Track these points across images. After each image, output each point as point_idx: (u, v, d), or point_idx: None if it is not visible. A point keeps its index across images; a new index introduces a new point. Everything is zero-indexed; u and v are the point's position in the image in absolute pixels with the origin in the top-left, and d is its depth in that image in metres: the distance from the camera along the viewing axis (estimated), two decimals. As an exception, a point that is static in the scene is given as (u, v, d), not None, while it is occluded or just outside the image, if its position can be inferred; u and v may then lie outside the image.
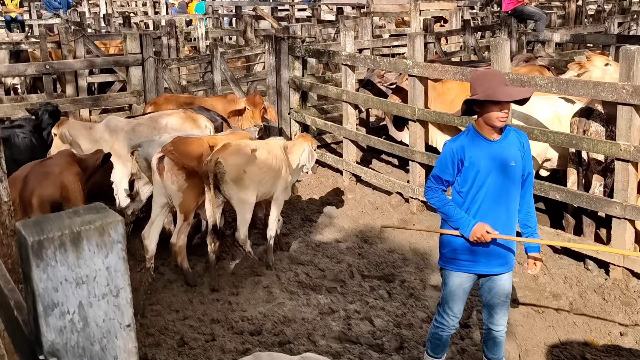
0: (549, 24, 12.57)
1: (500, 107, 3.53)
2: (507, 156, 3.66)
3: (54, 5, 20.39)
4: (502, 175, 3.66)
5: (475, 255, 3.75)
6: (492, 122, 3.58)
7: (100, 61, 9.19)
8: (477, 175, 3.67)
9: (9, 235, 2.52)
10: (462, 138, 3.76)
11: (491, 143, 3.66)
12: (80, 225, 1.26)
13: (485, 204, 3.69)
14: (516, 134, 3.75)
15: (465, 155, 3.68)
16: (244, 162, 5.42)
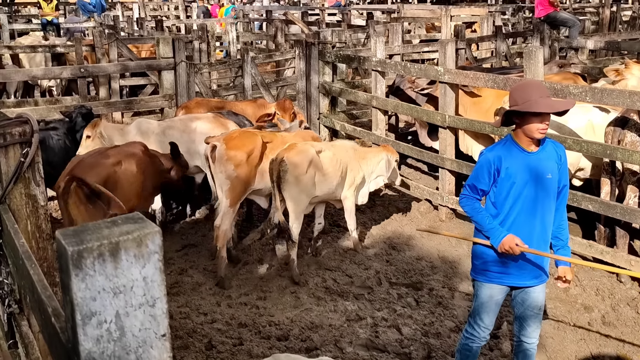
0: (583, 31, 12.39)
1: (541, 119, 3.48)
2: (544, 168, 3.61)
3: (89, 8, 20.73)
4: (538, 187, 3.62)
5: (507, 267, 3.71)
6: (532, 134, 3.54)
7: (133, 65, 9.32)
8: (512, 187, 3.64)
9: (45, 239, 2.56)
10: (499, 148, 3.73)
11: (529, 155, 3.62)
12: (119, 235, 1.27)
13: (520, 217, 3.65)
14: (554, 146, 3.71)
15: (502, 165, 3.64)
16: (307, 163, 5.60)
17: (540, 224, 3.67)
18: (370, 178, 6.34)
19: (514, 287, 3.80)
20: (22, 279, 2.01)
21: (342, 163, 5.92)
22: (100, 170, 5.09)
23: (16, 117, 2.54)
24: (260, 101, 8.13)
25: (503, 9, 19.90)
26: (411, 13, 17.71)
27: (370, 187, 6.42)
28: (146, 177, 5.45)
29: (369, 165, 6.22)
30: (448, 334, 4.88)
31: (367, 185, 6.36)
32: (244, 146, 5.76)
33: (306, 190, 5.70)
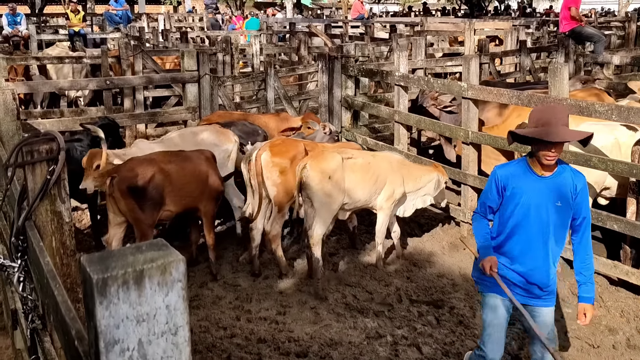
0: (608, 46, 12.27)
1: (550, 147, 3.43)
2: (554, 195, 3.55)
3: (115, 20, 21.04)
4: (544, 213, 3.56)
5: (511, 282, 3.69)
6: (540, 160, 3.52)
7: (158, 77, 9.42)
8: (516, 208, 3.60)
9: (69, 255, 2.59)
10: (511, 166, 3.71)
11: (539, 178, 3.58)
12: (143, 263, 1.28)
13: (521, 239, 3.62)
14: (571, 175, 3.62)
15: (509, 183, 3.62)
16: (331, 170, 5.68)
17: (542, 251, 3.61)
18: (417, 195, 6.35)
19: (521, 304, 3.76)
20: (46, 297, 2.03)
21: (378, 173, 5.94)
22: (144, 170, 5.44)
23: (43, 135, 2.57)
24: (283, 114, 8.17)
25: (527, 22, 19.79)
26: (434, 26, 17.69)
27: (417, 203, 6.43)
28: (206, 178, 5.90)
29: (417, 182, 6.22)
30: (469, 353, 4.82)
31: (412, 200, 6.37)
32: (287, 152, 6.01)
33: (332, 196, 5.75)
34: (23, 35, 18.46)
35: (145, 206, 5.47)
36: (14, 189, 2.72)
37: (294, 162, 6.00)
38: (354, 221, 6.73)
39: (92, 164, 5.74)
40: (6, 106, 3.97)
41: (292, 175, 5.99)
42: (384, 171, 6.00)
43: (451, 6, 43.02)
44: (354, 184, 5.85)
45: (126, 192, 5.41)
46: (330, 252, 6.43)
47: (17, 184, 2.73)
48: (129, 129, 9.18)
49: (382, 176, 5.98)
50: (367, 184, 5.92)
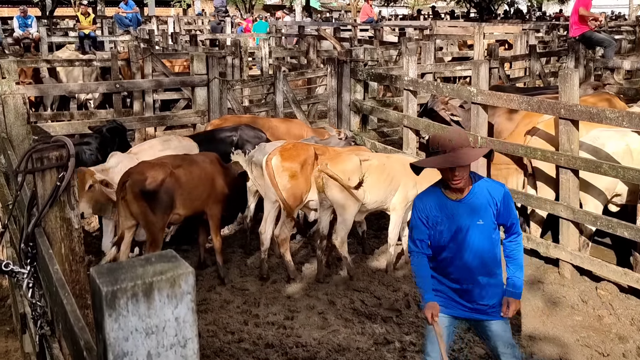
0: (619, 51, 12.21)
1: (453, 171, 3.37)
2: (472, 216, 3.49)
3: (125, 22, 21.13)
4: (468, 235, 3.51)
5: (449, 297, 3.65)
6: (449, 183, 3.46)
7: (167, 81, 9.45)
8: (440, 235, 3.56)
9: (78, 261, 2.59)
10: (426, 195, 3.65)
11: (454, 203, 3.52)
12: (153, 275, 1.28)
13: (453, 262, 3.58)
14: (487, 190, 3.52)
15: (429, 214, 3.57)
16: (349, 171, 5.75)
17: (476, 270, 3.56)
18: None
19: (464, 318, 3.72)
20: (55, 305, 2.03)
21: (392, 174, 5.97)
22: (156, 173, 5.51)
23: (53, 141, 2.58)
24: (296, 121, 8.19)
25: (537, 27, 19.73)
26: (444, 30, 17.66)
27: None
28: (212, 181, 5.97)
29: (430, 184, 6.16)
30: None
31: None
32: (298, 157, 6.02)
33: (351, 197, 5.79)
34: (34, 38, 18.56)
35: (157, 209, 5.51)
36: (24, 195, 2.72)
37: (305, 167, 6.03)
38: (363, 226, 6.72)
39: (85, 185, 5.64)
40: (17, 110, 4.00)
41: (302, 180, 6.02)
42: (398, 173, 6.01)
43: (460, 9, 42.97)
44: (370, 186, 5.88)
45: (139, 195, 5.44)
46: (339, 257, 6.42)
47: (27, 190, 2.74)
48: (138, 132, 9.21)
49: (396, 177, 6.00)
50: (382, 185, 5.95)
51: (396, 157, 6.35)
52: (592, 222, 5.68)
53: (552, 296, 5.73)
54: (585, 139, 5.94)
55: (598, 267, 5.76)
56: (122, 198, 5.49)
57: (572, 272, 6.01)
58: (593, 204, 5.93)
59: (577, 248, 5.97)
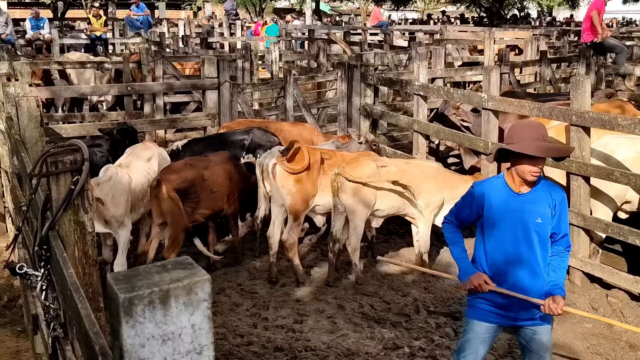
0: (630, 57, 12.16)
1: (534, 162, 3.37)
2: (532, 212, 3.46)
3: (136, 25, 21.23)
4: (523, 231, 3.48)
5: (497, 305, 3.59)
6: (524, 176, 3.42)
7: (178, 84, 9.49)
8: (494, 227, 3.53)
9: (91, 265, 2.61)
10: (487, 184, 3.62)
11: (516, 196, 3.49)
12: (169, 282, 1.29)
13: (503, 259, 3.53)
14: (549, 189, 3.52)
15: (485, 203, 3.54)
16: (366, 176, 5.75)
17: (527, 270, 3.52)
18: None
19: (509, 326, 3.67)
20: (69, 309, 2.04)
21: (410, 181, 5.91)
22: (186, 173, 5.83)
23: (68, 145, 2.60)
24: (308, 126, 8.20)
25: (547, 32, 19.67)
26: (454, 35, 17.64)
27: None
28: (231, 180, 6.22)
29: (453, 191, 6.11)
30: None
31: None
32: (303, 161, 5.99)
33: (364, 202, 5.79)
34: (46, 39, 18.68)
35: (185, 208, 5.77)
36: (38, 198, 2.74)
37: (311, 171, 6.04)
38: (372, 230, 6.72)
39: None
40: (30, 113, 4.03)
41: (308, 184, 6.02)
42: (417, 179, 5.97)
43: (470, 14, 42.91)
44: (387, 192, 5.87)
45: (170, 194, 5.68)
46: (348, 261, 6.42)
47: (41, 193, 2.76)
48: (148, 134, 9.24)
49: (414, 184, 5.95)
50: (398, 192, 5.92)
51: (416, 163, 6.31)
52: (603, 229, 5.66)
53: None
54: (595, 146, 5.92)
55: (609, 275, 5.74)
56: (155, 196, 5.75)
57: (582, 279, 5.99)
58: (603, 211, 5.90)
59: (587, 255, 5.95)
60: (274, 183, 6.08)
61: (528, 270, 3.53)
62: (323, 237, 7.16)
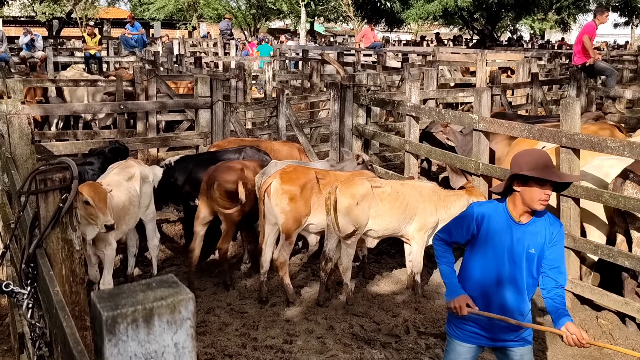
0: (620, 80, 12.29)
1: (545, 189, 3.35)
2: (528, 242, 3.45)
3: (131, 43, 21.33)
4: (515, 259, 3.47)
5: (479, 326, 3.59)
6: (533, 204, 3.37)
7: (171, 103, 9.51)
8: (488, 252, 3.52)
9: (78, 283, 2.60)
10: (488, 206, 3.57)
11: (515, 225, 3.47)
12: (153, 301, 1.28)
13: (492, 283, 3.52)
14: (548, 222, 3.50)
15: (483, 225, 3.51)
16: (360, 196, 5.75)
17: (514, 296, 3.52)
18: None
19: (490, 347, 3.67)
20: (54, 327, 2.03)
21: (407, 202, 5.94)
22: (235, 174, 6.35)
23: (57, 163, 2.60)
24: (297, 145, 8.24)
25: (539, 54, 19.87)
26: (446, 57, 17.79)
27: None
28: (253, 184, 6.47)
29: (449, 209, 6.14)
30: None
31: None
32: (298, 180, 6.05)
33: (356, 222, 5.79)
34: (40, 57, 18.73)
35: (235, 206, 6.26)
36: (26, 216, 2.74)
37: (305, 190, 6.05)
38: (364, 250, 6.72)
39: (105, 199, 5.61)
40: (21, 130, 4.03)
41: (302, 203, 6.03)
42: (413, 200, 5.99)
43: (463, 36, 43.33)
44: (382, 212, 5.88)
45: (223, 194, 6.26)
46: (339, 281, 6.41)
47: (30, 211, 2.76)
48: (140, 153, 9.25)
49: (411, 205, 5.97)
50: (395, 213, 5.93)
51: (412, 184, 6.28)
52: (593, 250, 5.68)
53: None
54: (588, 168, 5.95)
55: (599, 296, 5.74)
56: (207, 195, 6.32)
57: (572, 300, 5.99)
58: (597, 234, 5.93)
59: (577, 276, 5.96)
60: (267, 201, 6.08)
61: (514, 296, 3.53)
62: (314, 257, 7.15)
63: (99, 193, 5.19)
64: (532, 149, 3.97)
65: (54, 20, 35.06)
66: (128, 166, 6.33)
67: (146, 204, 6.37)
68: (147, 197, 6.36)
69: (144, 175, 6.36)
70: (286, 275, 6.16)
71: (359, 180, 5.99)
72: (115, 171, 6.24)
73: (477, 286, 3.59)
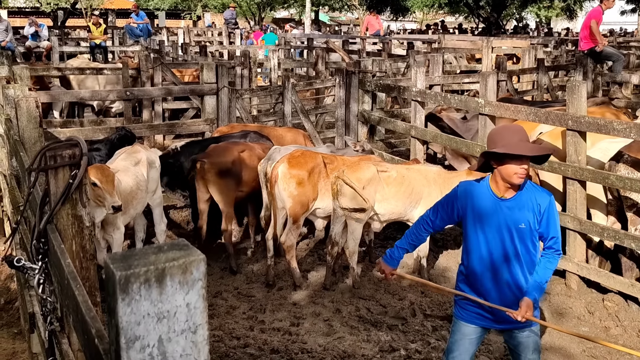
0: (627, 65, 12.23)
1: (520, 163, 3.36)
2: (516, 217, 3.46)
3: (136, 33, 21.32)
4: (505, 236, 3.48)
5: (483, 307, 3.60)
6: (510, 179, 3.40)
7: (177, 89, 9.53)
8: (476, 231, 3.53)
9: (88, 259, 2.62)
10: (473, 186, 3.60)
11: (499, 201, 3.48)
12: (165, 262, 1.30)
13: (483, 262, 3.54)
14: (534, 194, 3.50)
15: (468, 205, 3.55)
16: (366, 180, 5.76)
17: (509, 276, 3.52)
18: None
19: (495, 329, 3.70)
20: (66, 298, 2.06)
21: (412, 186, 5.94)
22: (227, 154, 6.49)
23: (67, 140, 2.62)
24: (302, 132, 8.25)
25: (545, 41, 19.77)
26: (452, 44, 17.72)
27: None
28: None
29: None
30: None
31: None
32: (306, 164, 6.08)
33: (363, 206, 5.80)
34: (45, 47, 18.74)
35: (229, 185, 6.46)
36: (36, 193, 2.77)
37: (312, 174, 6.07)
38: (370, 234, 6.74)
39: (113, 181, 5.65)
40: (29, 114, 4.05)
41: (309, 187, 6.05)
42: (419, 185, 5.99)
43: (469, 24, 43.10)
44: (388, 197, 5.89)
45: (216, 174, 6.38)
46: (345, 265, 6.43)
47: (39, 189, 2.78)
48: (147, 140, 9.28)
49: (416, 189, 5.96)
50: (401, 197, 5.93)
51: (417, 168, 6.27)
52: (599, 233, 5.68)
53: (559, 307, 5.72)
54: (594, 151, 5.94)
55: (605, 279, 5.75)
56: (202, 177, 6.46)
57: (578, 283, 6.01)
58: (602, 216, 5.93)
59: (584, 259, 5.97)
60: (275, 186, 6.10)
61: (510, 276, 3.54)
62: (321, 242, 7.18)
63: (106, 175, 5.22)
64: (507, 124, 3.99)
65: (58, 10, 35.07)
66: (135, 151, 6.36)
67: (153, 189, 6.40)
68: (154, 182, 6.39)
69: (151, 160, 6.39)
70: (293, 259, 6.18)
71: (365, 164, 6.00)
72: (122, 156, 6.27)
73: (470, 266, 3.62)
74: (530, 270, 3.55)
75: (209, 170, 6.42)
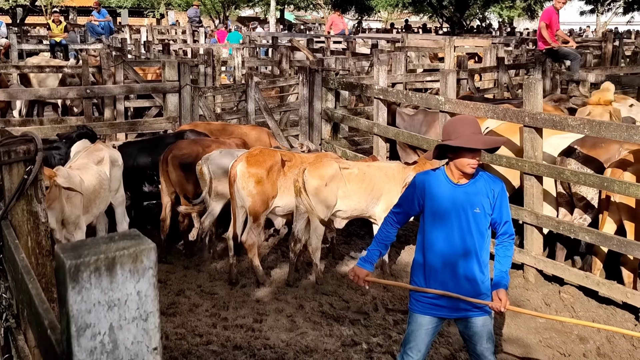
0: (584, 64, 12.53)
1: (472, 154, 3.52)
2: (471, 202, 3.60)
3: (97, 31, 21.01)
4: (462, 221, 3.61)
5: (437, 298, 3.69)
6: (464, 169, 3.56)
7: (138, 87, 9.44)
8: (435, 218, 3.65)
9: (44, 255, 2.61)
10: (429, 175, 3.74)
11: (455, 186, 3.62)
12: (115, 251, 1.33)
13: (441, 249, 3.65)
14: (488, 181, 3.67)
15: (427, 193, 3.68)
16: (328, 177, 5.82)
17: (465, 260, 3.64)
18: None
19: (450, 317, 3.79)
20: (20, 293, 2.06)
21: (373, 183, 6.00)
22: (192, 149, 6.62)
23: (21, 135, 2.61)
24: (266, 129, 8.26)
25: (506, 41, 20.11)
26: (415, 43, 17.91)
27: None
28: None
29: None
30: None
31: None
32: (264, 162, 6.08)
33: (325, 203, 5.85)
34: (3, 45, 18.36)
35: (191, 179, 6.53)
36: (-9, 190, 2.74)
37: (271, 172, 6.09)
38: (333, 231, 6.78)
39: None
40: (-15, 110, 3.99)
41: (268, 185, 6.06)
42: (380, 181, 6.05)
43: (433, 24, 43.55)
44: (350, 193, 5.94)
45: (177, 167, 6.53)
46: (308, 262, 6.48)
47: (-6, 185, 2.76)
48: (108, 138, 9.18)
49: (377, 186, 6.03)
50: (363, 194, 5.98)
51: (378, 165, 6.35)
52: (555, 226, 5.83)
53: (517, 299, 5.85)
54: (545, 147, 6.09)
55: (561, 271, 5.91)
56: (165, 170, 6.61)
57: (536, 276, 6.16)
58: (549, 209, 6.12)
59: (540, 253, 6.12)
60: (234, 184, 6.10)
61: (466, 260, 3.65)
62: (283, 239, 7.21)
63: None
64: (461, 116, 4.14)
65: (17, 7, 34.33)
66: (96, 149, 6.29)
67: (116, 188, 6.34)
68: (116, 181, 6.34)
69: (113, 158, 6.33)
70: (255, 257, 6.20)
71: (327, 161, 6.04)
72: (83, 155, 6.19)
73: (429, 254, 3.71)
74: (482, 256, 3.67)
75: (171, 163, 6.56)
